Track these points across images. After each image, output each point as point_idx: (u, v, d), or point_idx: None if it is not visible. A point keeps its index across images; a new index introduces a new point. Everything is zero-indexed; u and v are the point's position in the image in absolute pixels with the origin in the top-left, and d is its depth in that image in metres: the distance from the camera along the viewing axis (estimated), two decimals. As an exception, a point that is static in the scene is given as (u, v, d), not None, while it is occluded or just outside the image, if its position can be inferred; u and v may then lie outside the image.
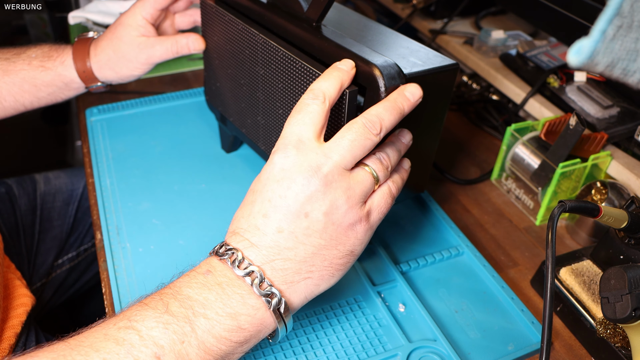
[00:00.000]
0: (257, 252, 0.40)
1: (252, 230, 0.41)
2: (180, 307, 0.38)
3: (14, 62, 0.67)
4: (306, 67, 0.48)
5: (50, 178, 0.87)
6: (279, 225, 0.40)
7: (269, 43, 0.52)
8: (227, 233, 0.44)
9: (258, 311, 0.39)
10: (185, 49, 0.67)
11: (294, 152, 0.40)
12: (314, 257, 0.41)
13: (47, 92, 0.69)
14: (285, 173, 0.40)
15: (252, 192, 0.42)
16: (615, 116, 0.71)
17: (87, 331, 0.38)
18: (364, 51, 0.46)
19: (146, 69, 0.69)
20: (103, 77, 0.69)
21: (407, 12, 1.02)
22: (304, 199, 0.39)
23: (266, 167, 0.42)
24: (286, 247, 0.40)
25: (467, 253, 0.61)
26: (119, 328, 0.37)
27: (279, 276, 0.40)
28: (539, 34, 0.96)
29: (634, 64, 0.28)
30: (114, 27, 0.68)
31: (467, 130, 0.86)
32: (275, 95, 0.54)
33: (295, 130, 0.41)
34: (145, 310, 0.38)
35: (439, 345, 0.51)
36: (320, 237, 0.40)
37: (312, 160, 0.40)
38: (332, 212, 0.40)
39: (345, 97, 0.44)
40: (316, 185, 0.39)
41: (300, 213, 0.40)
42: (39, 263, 0.81)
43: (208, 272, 0.40)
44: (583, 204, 0.45)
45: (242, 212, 0.43)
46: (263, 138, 0.61)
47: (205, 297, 0.39)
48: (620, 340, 0.50)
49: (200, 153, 0.74)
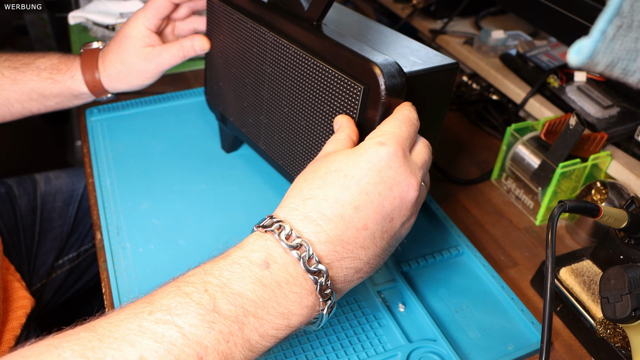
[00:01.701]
0: (330, 248, 0.37)
1: (336, 221, 0.37)
2: (229, 305, 0.34)
3: (23, 72, 0.68)
4: (319, 64, 0.48)
5: (50, 178, 0.87)
6: (365, 222, 0.38)
7: (279, 41, 0.53)
8: (287, 207, 0.39)
9: (311, 310, 0.37)
10: (191, 51, 0.67)
11: (401, 155, 0.39)
12: (376, 258, 0.40)
13: (55, 101, 0.69)
14: (391, 172, 0.39)
15: (344, 175, 0.39)
16: (615, 116, 0.71)
17: (116, 317, 0.33)
18: (365, 50, 0.46)
19: (157, 77, 0.70)
20: (113, 89, 0.69)
21: (407, 12, 1.02)
22: (398, 205, 0.39)
23: (369, 155, 0.39)
24: (362, 246, 0.38)
25: (467, 253, 0.61)
26: (157, 321, 0.33)
27: (342, 275, 0.38)
28: (539, 34, 0.96)
29: (634, 64, 0.28)
30: (119, 40, 0.68)
31: (467, 130, 0.86)
32: (281, 94, 0.55)
33: (404, 135, 0.41)
34: (189, 304, 0.33)
35: (439, 345, 0.51)
36: (388, 241, 0.40)
37: (415, 172, 0.40)
38: (407, 223, 0.41)
39: (360, 93, 0.45)
40: (412, 197, 0.40)
41: (388, 216, 0.39)
42: (39, 264, 0.81)
43: (266, 264, 0.36)
44: (583, 204, 0.45)
45: (326, 193, 0.38)
46: (264, 138, 0.61)
47: (259, 295, 0.35)
48: (620, 340, 0.50)
49: (200, 153, 0.74)
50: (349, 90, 0.46)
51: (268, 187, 0.69)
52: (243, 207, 0.66)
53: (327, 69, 0.48)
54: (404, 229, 0.41)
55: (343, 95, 0.47)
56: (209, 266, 0.36)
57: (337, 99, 0.48)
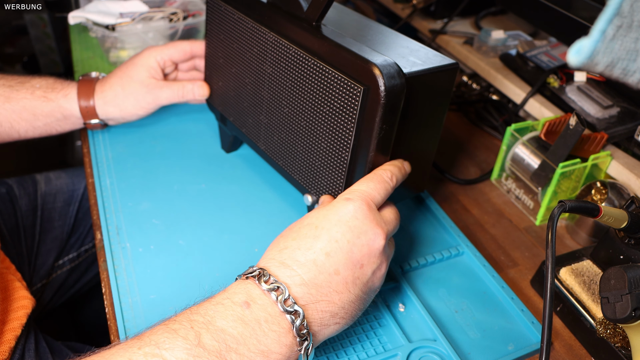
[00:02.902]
0: (305, 290, 0.40)
1: (309, 266, 0.41)
2: (212, 340, 0.37)
3: (17, 90, 0.69)
4: (319, 65, 0.48)
5: (51, 178, 0.87)
6: (337, 267, 0.42)
7: (280, 41, 0.52)
8: (266, 259, 0.43)
9: (290, 350, 0.39)
10: (190, 95, 0.71)
11: (366, 209, 0.44)
12: (351, 304, 0.43)
13: (44, 122, 0.70)
14: (358, 222, 0.43)
15: (315, 227, 0.43)
16: (615, 116, 0.71)
17: (108, 352, 0.36)
18: (364, 50, 0.46)
19: (150, 110, 0.72)
20: (105, 113, 0.70)
21: (407, 12, 1.02)
22: (366, 252, 0.43)
23: (337, 209, 0.43)
24: (336, 290, 0.41)
25: (467, 253, 0.61)
26: (146, 354, 0.35)
27: (318, 318, 0.41)
28: (539, 34, 0.96)
29: (633, 64, 0.28)
30: (125, 67, 0.71)
31: (467, 130, 0.86)
32: (281, 94, 0.55)
33: (372, 192, 0.45)
34: (176, 339, 0.36)
35: (439, 345, 0.51)
36: (361, 288, 0.43)
37: (381, 224, 0.44)
38: (378, 271, 0.44)
39: (359, 94, 0.45)
40: (379, 245, 0.43)
41: (358, 263, 0.43)
42: (39, 264, 0.81)
43: (246, 304, 0.39)
44: (583, 204, 0.45)
45: (299, 243, 0.42)
46: (264, 138, 0.61)
47: (240, 332, 0.38)
48: (620, 340, 0.50)
49: (200, 153, 0.74)
50: (349, 91, 0.46)
51: (268, 187, 0.69)
52: (243, 207, 0.66)
53: (327, 69, 0.48)
54: (375, 277, 0.44)
55: (343, 96, 0.47)
56: (194, 307, 0.39)
57: (337, 99, 0.48)
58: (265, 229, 0.63)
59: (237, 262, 0.58)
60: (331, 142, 0.50)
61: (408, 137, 0.51)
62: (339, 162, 0.50)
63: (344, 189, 0.51)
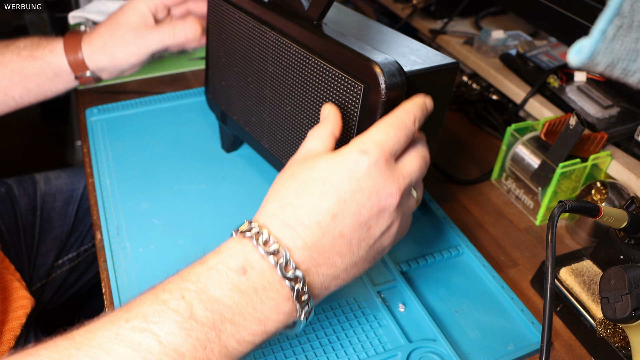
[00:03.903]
0: (307, 255, 0.37)
1: (313, 228, 0.37)
2: (205, 311, 0.34)
3: (2, 54, 0.66)
4: (320, 63, 0.48)
5: (50, 178, 0.87)
6: (342, 230, 0.38)
7: (281, 40, 0.53)
8: (265, 214, 0.39)
9: (288, 317, 0.37)
10: (181, 35, 0.66)
11: (382, 164, 0.38)
12: (354, 266, 0.40)
13: (37, 83, 0.67)
14: (371, 182, 0.38)
15: (322, 183, 0.38)
16: (615, 116, 0.71)
17: (94, 326, 0.34)
18: (365, 49, 0.46)
19: (141, 57, 0.67)
20: (94, 64, 0.67)
21: (407, 12, 1.02)
22: (375, 213, 0.39)
23: (349, 164, 0.38)
24: (339, 254, 0.38)
25: (467, 253, 0.61)
26: (134, 328, 0.33)
27: (319, 282, 0.38)
28: (539, 34, 0.96)
29: (634, 64, 0.28)
30: (114, 14, 0.67)
31: (467, 130, 0.86)
32: (283, 93, 0.55)
33: (391, 142, 0.39)
34: (165, 312, 0.34)
35: (439, 345, 0.51)
36: (366, 250, 0.40)
37: (398, 181, 0.39)
38: (387, 232, 0.40)
39: (360, 92, 0.45)
40: (391, 205, 0.39)
41: (365, 224, 0.39)
42: (39, 264, 0.81)
43: (243, 270, 0.36)
44: (583, 204, 0.45)
45: (303, 200, 0.38)
46: (267, 136, 0.61)
47: (236, 301, 0.35)
48: (620, 340, 0.50)
49: (200, 153, 0.74)
50: (350, 89, 0.46)
51: (268, 186, 0.69)
52: (243, 207, 0.66)
53: (328, 68, 0.48)
54: (384, 238, 0.41)
55: (344, 94, 0.47)
56: (186, 272, 0.36)
57: (339, 97, 0.48)
58: (265, 228, 0.63)
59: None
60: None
61: None
62: None
63: None
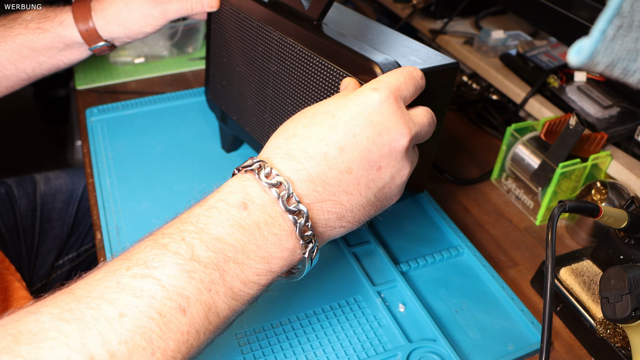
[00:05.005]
0: (312, 188, 0.36)
1: (318, 159, 0.36)
2: (207, 251, 0.33)
3: (10, 28, 0.64)
4: (324, 63, 0.48)
5: (50, 178, 0.87)
6: (349, 165, 0.36)
7: (285, 39, 0.53)
8: (270, 147, 0.38)
9: (292, 254, 0.36)
10: (199, 5, 0.64)
11: (393, 102, 0.38)
12: (360, 209, 0.38)
13: (48, 55, 0.65)
14: (382, 117, 0.37)
15: (332, 116, 0.37)
16: (615, 116, 0.71)
17: (94, 277, 0.32)
18: (365, 49, 0.46)
19: (157, 27, 0.66)
20: (108, 34, 0.65)
21: (407, 12, 1.02)
22: (387, 152, 0.37)
23: (360, 99, 0.37)
24: (345, 191, 0.37)
25: (467, 253, 0.61)
26: (135, 275, 0.31)
27: (323, 219, 0.37)
28: (539, 34, 0.96)
29: (634, 64, 0.28)
30: None
31: (467, 130, 0.86)
32: (286, 92, 0.55)
33: (401, 86, 0.39)
34: (166, 255, 0.32)
35: (439, 345, 0.51)
36: (375, 193, 0.38)
37: (408, 122, 0.38)
38: (397, 176, 0.39)
39: None
40: (402, 147, 0.38)
41: (375, 164, 0.37)
42: (39, 264, 0.81)
43: (244, 205, 0.34)
44: (583, 204, 0.45)
45: (311, 131, 0.37)
46: (268, 136, 0.61)
47: (238, 238, 0.34)
48: (620, 340, 0.50)
49: (200, 153, 0.74)
50: None
51: (268, 187, 0.69)
52: (243, 207, 0.66)
53: (332, 67, 0.48)
54: (394, 183, 0.39)
55: None
56: (185, 215, 0.35)
57: None
58: (265, 229, 0.63)
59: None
60: None
61: None
62: None
63: None
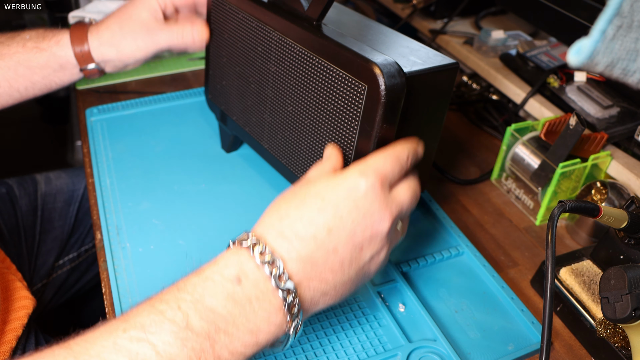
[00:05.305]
0: (301, 267, 0.38)
1: (308, 240, 0.39)
2: (201, 321, 0.35)
3: (8, 46, 0.65)
4: (324, 63, 0.48)
5: (51, 178, 0.87)
6: (336, 246, 0.39)
7: (284, 39, 0.53)
8: (263, 225, 0.40)
9: (278, 328, 0.38)
10: (189, 38, 0.66)
11: (379, 188, 0.41)
12: (343, 285, 0.41)
13: (42, 75, 0.67)
14: (367, 202, 0.40)
15: (322, 199, 0.40)
16: (615, 116, 0.71)
17: (91, 336, 0.35)
18: (364, 49, 0.46)
19: (148, 53, 0.67)
20: (100, 55, 0.66)
21: (407, 12, 1.02)
22: (369, 235, 0.40)
23: (348, 183, 0.40)
24: (330, 269, 0.39)
25: (467, 253, 0.61)
26: (131, 338, 0.34)
27: (309, 296, 0.39)
28: (539, 34, 0.96)
29: (633, 64, 0.28)
30: (124, 7, 0.67)
31: (467, 130, 0.86)
32: (286, 93, 0.55)
33: (387, 171, 0.42)
34: (162, 322, 0.35)
35: (439, 345, 0.51)
36: (357, 271, 0.41)
37: (391, 207, 0.41)
38: (377, 256, 0.42)
39: (364, 92, 0.45)
40: (384, 229, 0.41)
41: (359, 245, 0.40)
42: (39, 264, 0.81)
43: (238, 279, 0.37)
44: (583, 204, 0.45)
45: (302, 213, 0.40)
46: (267, 136, 0.61)
47: (230, 311, 0.36)
48: (620, 340, 0.50)
49: (200, 153, 0.74)
50: (353, 89, 0.46)
51: (268, 186, 0.69)
52: (243, 206, 0.66)
53: (332, 68, 0.48)
54: (373, 262, 0.42)
55: (347, 94, 0.47)
56: (182, 283, 0.37)
57: (341, 97, 0.48)
58: (266, 229, 0.63)
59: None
60: (335, 140, 0.50)
61: (408, 136, 0.51)
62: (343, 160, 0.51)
63: None
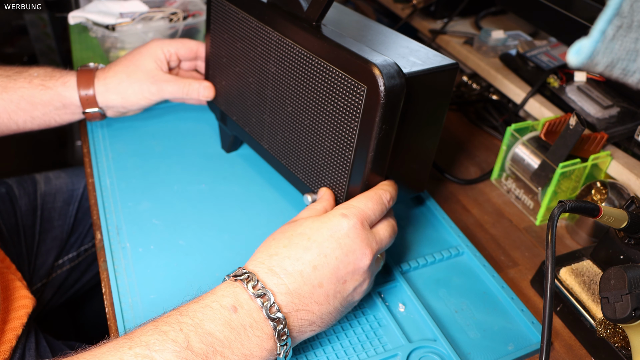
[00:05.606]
0: (289, 299, 0.42)
1: (295, 276, 0.43)
2: (200, 343, 0.38)
3: (14, 80, 0.68)
4: (323, 64, 0.48)
5: (50, 178, 0.87)
6: (321, 281, 0.43)
7: (284, 40, 0.53)
8: (255, 261, 0.44)
9: (270, 354, 0.42)
10: (194, 94, 0.70)
11: (360, 228, 0.45)
12: (329, 315, 0.45)
13: (43, 111, 0.69)
14: (349, 241, 0.45)
15: (307, 238, 0.44)
16: (615, 116, 0.71)
17: (98, 351, 0.37)
18: (364, 50, 0.46)
19: (152, 102, 0.71)
20: (105, 101, 0.69)
21: (407, 12, 1.02)
22: (352, 270, 0.45)
23: (332, 224, 0.45)
24: (316, 302, 0.43)
25: (467, 253, 0.61)
26: (137, 355, 0.37)
27: (297, 325, 0.43)
28: (539, 34, 0.96)
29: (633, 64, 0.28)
30: (131, 55, 0.70)
31: (467, 130, 0.86)
32: (285, 93, 0.55)
33: (368, 212, 0.46)
34: (166, 341, 0.38)
35: (439, 345, 0.51)
36: (341, 302, 0.45)
37: (371, 244, 0.46)
38: (359, 288, 0.46)
39: (364, 93, 0.45)
40: (365, 264, 0.45)
41: (342, 279, 0.44)
42: (39, 263, 0.81)
43: (234, 309, 0.41)
44: (583, 204, 0.45)
45: (289, 252, 0.44)
46: (267, 136, 0.61)
47: (227, 336, 0.40)
48: (620, 340, 0.50)
49: (200, 153, 0.74)
50: (353, 90, 0.46)
51: (268, 186, 0.69)
52: (243, 206, 0.66)
53: (332, 68, 0.48)
54: (356, 293, 0.46)
55: (347, 95, 0.47)
56: (183, 308, 0.41)
57: (341, 98, 0.48)
58: (265, 229, 0.63)
59: (237, 262, 0.58)
60: (335, 141, 0.50)
61: (408, 137, 0.52)
62: (342, 161, 0.51)
63: (347, 188, 0.51)
